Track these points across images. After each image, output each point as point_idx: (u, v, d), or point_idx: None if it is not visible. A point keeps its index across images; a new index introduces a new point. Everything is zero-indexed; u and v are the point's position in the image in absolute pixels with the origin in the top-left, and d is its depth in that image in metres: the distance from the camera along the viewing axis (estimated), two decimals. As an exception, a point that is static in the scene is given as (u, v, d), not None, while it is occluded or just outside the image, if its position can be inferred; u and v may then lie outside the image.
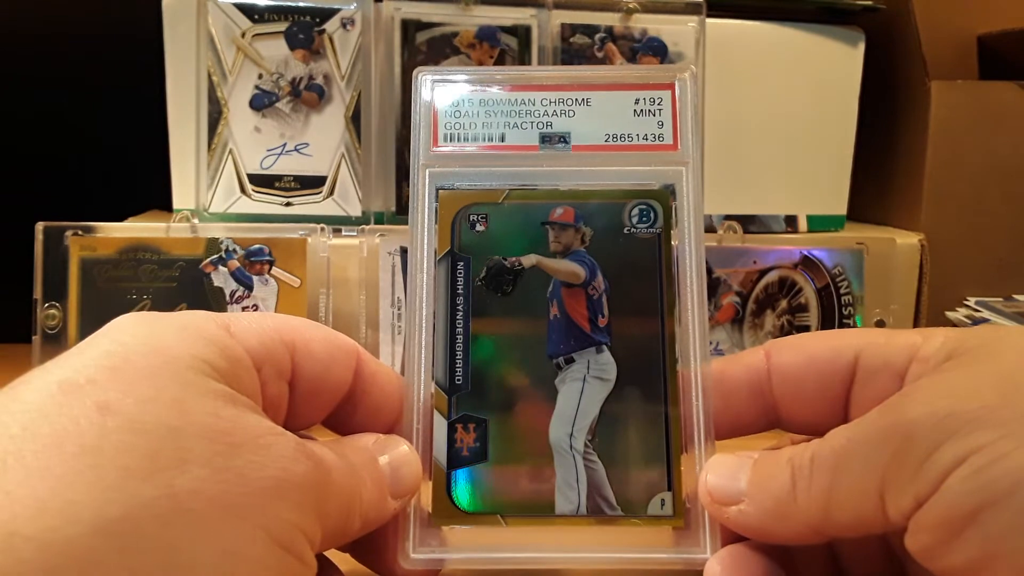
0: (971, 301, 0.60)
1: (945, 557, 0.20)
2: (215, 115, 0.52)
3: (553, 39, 0.54)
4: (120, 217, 0.55)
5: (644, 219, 0.28)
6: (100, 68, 0.64)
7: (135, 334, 0.21)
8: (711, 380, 0.27)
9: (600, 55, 0.55)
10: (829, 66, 0.60)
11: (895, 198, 0.65)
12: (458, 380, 0.27)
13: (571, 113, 0.29)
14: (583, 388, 0.27)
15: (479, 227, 0.28)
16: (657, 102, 0.29)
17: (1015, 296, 0.61)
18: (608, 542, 0.26)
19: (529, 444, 0.26)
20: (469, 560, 0.26)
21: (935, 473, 0.20)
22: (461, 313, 0.27)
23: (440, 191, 0.28)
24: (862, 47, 0.60)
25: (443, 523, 0.26)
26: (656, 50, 0.55)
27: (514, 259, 0.28)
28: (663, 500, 0.26)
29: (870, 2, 0.59)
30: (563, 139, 0.29)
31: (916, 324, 0.59)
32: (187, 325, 0.22)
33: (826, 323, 0.52)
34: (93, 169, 0.66)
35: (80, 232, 0.47)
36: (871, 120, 0.62)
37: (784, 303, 0.52)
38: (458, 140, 0.29)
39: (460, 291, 0.27)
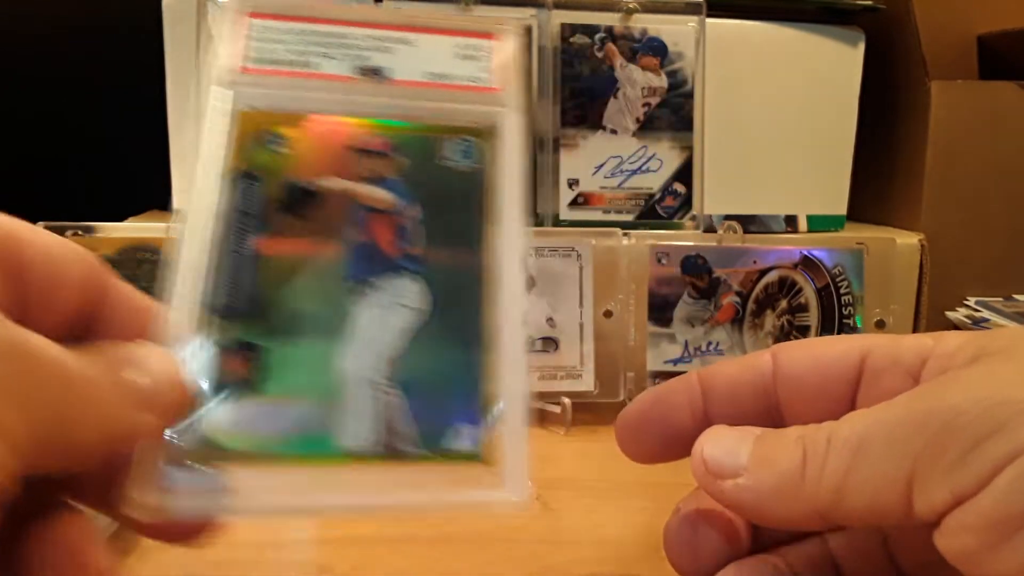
0: (971, 301, 0.60)
1: (991, 562, 0.18)
2: (215, 115, 0.52)
3: (553, 39, 0.54)
4: (120, 217, 0.55)
5: (464, 154, 0.27)
6: (100, 68, 0.64)
7: None
8: (521, 310, 0.25)
9: (600, 55, 0.55)
10: (829, 66, 0.60)
11: (895, 198, 0.65)
12: (232, 302, 0.24)
13: (390, 50, 0.28)
14: (385, 315, 0.25)
15: (278, 148, 0.26)
16: (480, 49, 0.28)
17: (1015, 296, 0.61)
18: (403, 482, 0.23)
19: (316, 374, 0.23)
20: (223, 507, 0.21)
21: (982, 467, 0.18)
22: (248, 234, 0.24)
23: (239, 112, 0.26)
24: (862, 47, 0.60)
25: (198, 462, 0.21)
26: (656, 50, 0.55)
27: (314, 180, 0.26)
28: (467, 435, 0.23)
29: (870, 2, 0.59)
30: (381, 72, 0.28)
31: (916, 323, 0.59)
32: None
33: (826, 323, 0.52)
34: (93, 169, 0.66)
35: (80, 232, 0.47)
36: (871, 120, 0.62)
37: (784, 303, 0.52)
38: (264, 63, 0.27)
39: (248, 212, 0.25)
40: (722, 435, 0.23)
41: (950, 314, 0.60)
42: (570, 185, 0.55)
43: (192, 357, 0.22)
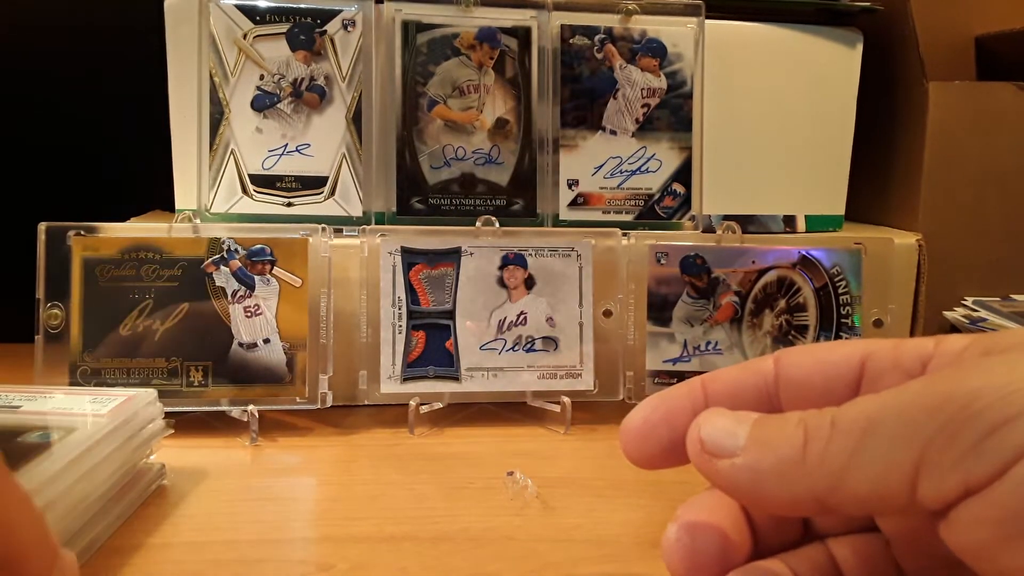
0: (969, 301, 0.61)
1: (1006, 557, 0.17)
2: (217, 116, 0.52)
3: (553, 40, 0.55)
4: (123, 217, 0.55)
5: (40, 436, 0.33)
6: (103, 69, 0.64)
7: None
8: None
9: (599, 56, 0.55)
10: (827, 67, 0.60)
11: (893, 198, 0.65)
12: None
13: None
14: None
15: None
16: (109, 399, 0.38)
17: (1012, 296, 0.61)
18: None
19: None
20: None
21: (998, 455, 0.17)
22: None
23: None
24: (860, 48, 0.60)
25: None
26: (655, 51, 0.55)
27: None
28: None
29: (868, 4, 0.59)
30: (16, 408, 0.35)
31: (914, 323, 0.59)
32: None
33: (824, 323, 0.52)
34: (95, 169, 0.66)
35: (83, 232, 0.47)
36: (869, 121, 0.62)
37: (783, 303, 0.52)
38: None
39: None
40: (720, 416, 0.23)
41: (948, 314, 0.60)
42: (570, 186, 0.55)
43: None
